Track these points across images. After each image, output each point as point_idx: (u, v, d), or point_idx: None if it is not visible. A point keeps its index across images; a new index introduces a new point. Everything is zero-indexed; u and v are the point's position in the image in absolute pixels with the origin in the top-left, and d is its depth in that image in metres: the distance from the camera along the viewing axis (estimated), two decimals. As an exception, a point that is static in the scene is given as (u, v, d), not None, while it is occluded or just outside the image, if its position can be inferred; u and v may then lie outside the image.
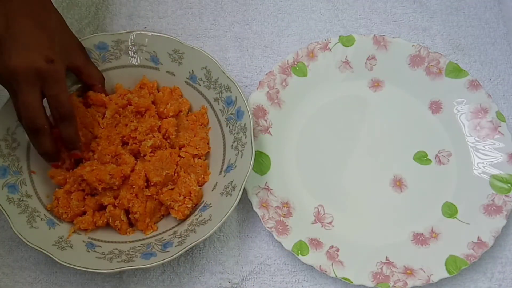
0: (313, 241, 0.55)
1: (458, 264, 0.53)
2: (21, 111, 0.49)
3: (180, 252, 0.49)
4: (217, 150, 0.58)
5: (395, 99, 0.63)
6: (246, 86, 0.64)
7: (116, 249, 0.53)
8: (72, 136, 0.52)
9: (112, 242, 0.54)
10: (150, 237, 0.54)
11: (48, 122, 0.50)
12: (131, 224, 0.55)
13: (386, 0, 0.70)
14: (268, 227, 0.54)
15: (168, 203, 0.54)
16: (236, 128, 0.56)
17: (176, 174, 0.56)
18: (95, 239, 0.54)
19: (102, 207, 0.55)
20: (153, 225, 0.55)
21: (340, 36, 0.64)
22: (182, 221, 0.54)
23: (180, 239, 0.51)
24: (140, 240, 0.54)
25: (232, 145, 0.56)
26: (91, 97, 0.57)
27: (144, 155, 0.56)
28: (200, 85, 0.59)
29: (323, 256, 0.54)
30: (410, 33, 0.67)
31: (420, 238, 0.56)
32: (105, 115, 0.57)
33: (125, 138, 0.56)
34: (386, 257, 0.54)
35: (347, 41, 0.63)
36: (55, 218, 0.54)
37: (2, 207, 0.51)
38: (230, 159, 0.55)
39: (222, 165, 0.56)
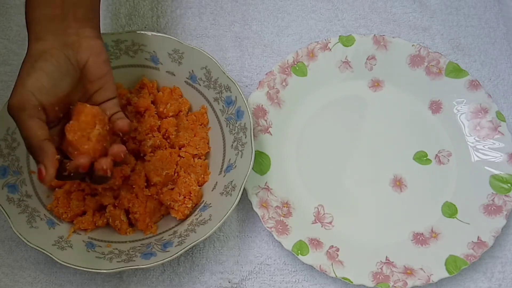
0: (313, 241, 0.55)
1: (458, 264, 0.53)
2: None
3: (180, 252, 0.49)
4: (217, 150, 0.58)
5: (395, 99, 0.63)
6: (246, 86, 0.64)
7: (116, 249, 0.53)
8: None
9: (112, 242, 0.54)
10: (150, 237, 0.54)
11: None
12: (131, 224, 0.55)
13: (386, 0, 0.70)
14: (268, 227, 0.54)
15: (168, 203, 0.54)
16: (236, 128, 0.56)
17: (176, 174, 0.56)
18: (95, 239, 0.54)
19: (102, 207, 0.55)
20: (153, 225, 0.55)
21: (340, 36, 0.64)
22: (182, 221, 0.54)
23: (180, 239, 0.51)
24: (140, 240, 0.54)
25: (232, 145, 0.56)
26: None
27: (144, 155, 0.56)
28: (200, 85, 0.59)
29: (323, 256, 0.54)
30: (410, 33, 0.67)
31: (420, 238, 0.56)
32: None
33: (125, 138, 0.56)
34: (386, 257, 0.54)
35: (347, 41, 0.63)
36: (55, 218, 0.54)
37: (2, 207, 0.51)
38: (230, 159, 0.55)
39: (222, 165, 0.56)
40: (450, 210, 0.57)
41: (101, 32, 0.59)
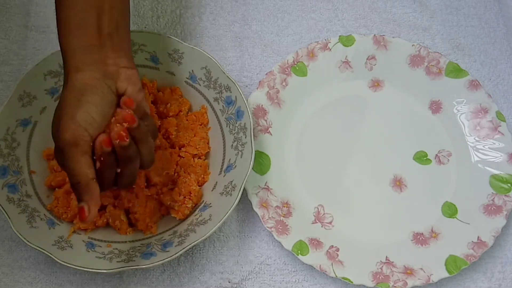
0: (313, 241, 0.55)
1: (458, 264, 0.53)
2: None
3: (180, 252, 0.49)
4: (217, 150, 0.58)
5: (395, 99, 0.63)
6: (246, 86, 0.64)
7: (116, 249, 0.53)
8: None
9: (112, 242, 0.54)
10: (150, 237, 0.54)
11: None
12: (131, 224, 0.55)
13: (386, 0, 0.70)
14: (268, 227, 0.54)
15: (168, 203, 0.54)
16: (236, 128, 0.56)
17: (176, 174, 0.56)
18: (95, 239, 0.54)
19: (102, 207, 0.55)
20: (153, 225, 0.55)
21: (340, 36, 0.64)
22: (182, 221, 0.54)
23: (180, 239, 0.51)
24: (140, 240, 0.54)
25: (232, 145, 0.56)
26: None
27: (144, 155, 0.56)
28: (200, 85, 0.59)
29: (323, 256, 0.54)
30: (410, 33, 0.67)
31: (420, 238, 0.56)
32: None
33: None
34: (386, 257, 0.54)
35: (347, 41, 0.63)
36: (55, 218, 0.54)
37: (2, 207, 0.51)
38: (230, 159, 0.55)
39: (222, 165, 0.56)
40: (450, 210, 0.57)
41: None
